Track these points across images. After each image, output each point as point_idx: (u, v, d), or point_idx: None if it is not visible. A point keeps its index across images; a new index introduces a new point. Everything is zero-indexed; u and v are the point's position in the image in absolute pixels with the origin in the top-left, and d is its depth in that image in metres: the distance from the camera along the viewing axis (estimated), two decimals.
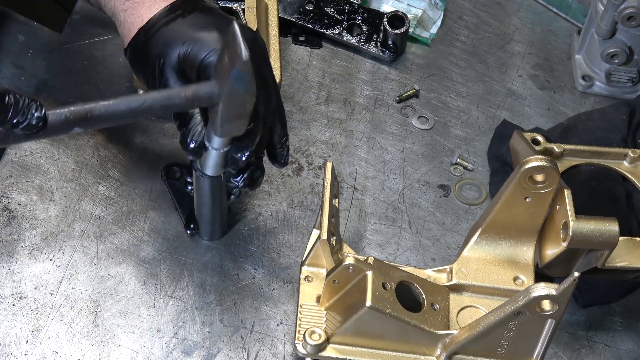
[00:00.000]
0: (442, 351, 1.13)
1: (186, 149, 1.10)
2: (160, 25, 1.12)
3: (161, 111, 1.02)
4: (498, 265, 1.19)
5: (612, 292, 1.27)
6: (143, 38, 1.13)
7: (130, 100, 1.00)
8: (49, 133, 0.96)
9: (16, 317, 1.17)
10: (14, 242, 1.23)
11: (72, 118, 0.96)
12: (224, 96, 1.01)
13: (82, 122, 0.97)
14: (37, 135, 0.96)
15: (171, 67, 1.11)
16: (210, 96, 1.02)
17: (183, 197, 1.28)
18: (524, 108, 1.48)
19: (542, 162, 1.11)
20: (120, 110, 0.99)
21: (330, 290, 1.15)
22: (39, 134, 0.96)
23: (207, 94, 1.02)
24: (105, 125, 1.01)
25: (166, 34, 1.12)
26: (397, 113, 1.45)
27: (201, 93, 1.02)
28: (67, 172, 1.31)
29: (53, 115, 0.96)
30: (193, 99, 1.02)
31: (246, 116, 1.04)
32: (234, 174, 1.12)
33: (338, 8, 1.52)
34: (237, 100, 1.02)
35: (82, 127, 0.98)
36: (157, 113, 1.02)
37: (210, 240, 1.27)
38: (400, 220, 1.32)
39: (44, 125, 0.95)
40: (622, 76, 1.49)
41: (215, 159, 1.11)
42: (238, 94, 1.01)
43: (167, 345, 1.17)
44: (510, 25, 1.59)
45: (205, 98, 1.02)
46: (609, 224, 1.12)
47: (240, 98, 1.01)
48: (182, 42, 1.10)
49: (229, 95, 1.01)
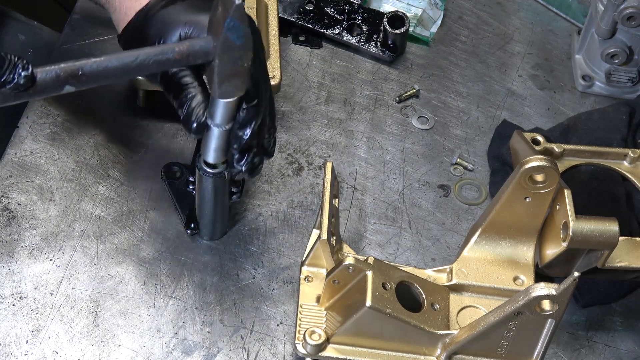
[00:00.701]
0: (442, 351, 1.13)
1: (189, 128, 1.08)
2: (160, 6, 1.11)
3: (154, 67, 0.99)
4: (498, 265, 1.19)
5: (612, 292, 1.27)
6: (142, 20, 1.12)
7: (123, 56, 0.97)
8: (40, 92, 0.94)
9: (16, 317, 1.17)
10: (14, 242, 1.23)
11: (62, 75, 0.94)
12: (218, 49, 0.98)
13: (73, 80, 0.95)
14: (27, 93, 0.94)
15: None
16: (205, 50, 0.99)
17: (183, 197, 1.28)
18: (524, 108, 1.48)
19: (542, 162, 1.11)
20: (113, 67, 0.97)
21: (330, 290, 1.15)
22: (28, 92, 0.93)
23: (202, 48, 0.99)
24: (98, 84, 0.98)
25: (167, 15, 1.10)
26: (397, 113, 1.45)
27: (196, 47, 0.99)
28: (67, 172, 1.31)
29: (42, 72, 0.94)
30: (188, 54, 0.99)
31: (244, 73, 1.01)
32: (237, 157, 1.11)
33: (338, 8, 1.52)
34: (233, 54, 0.99)
35: (73, 85, 0.95)
36: (150, 69, 0.99)
37: (210, 240, 1.27)
38: (400, 220, 1.32)
39: (32, 83, 0.93)
40: (622, 76, 1.49)
41: (218, 140, 1.09)
42: (233, 46, 0.98)
43: (167, 345, 1.17)
44: (510, 25, 1.59)
45: (200, 52, 0.99)
46: (609, 224, 1.12)
47: (236, 51, 0.99)
48: (184, 22, 1.09)
49: (224, 48, 0.98)
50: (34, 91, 0.94)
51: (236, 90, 1.03)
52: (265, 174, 1.34)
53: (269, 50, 1.37)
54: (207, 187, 1.17)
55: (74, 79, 0.95)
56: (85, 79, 0.96)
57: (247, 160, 1.11)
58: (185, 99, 1.09)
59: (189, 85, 1.09)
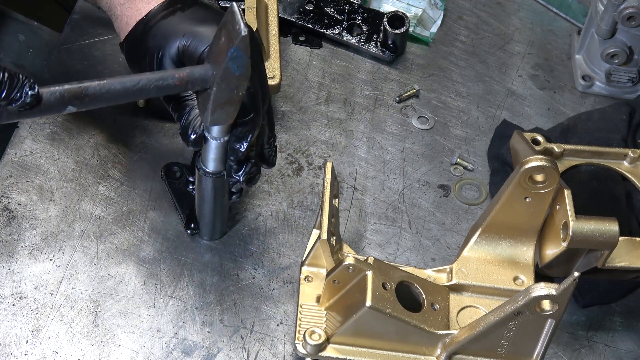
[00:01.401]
0: (442, 351, 1.13)
1: (187, 141, 1.10)
2: (159, 17, 1.12)
3: (155, 92, 1.01)
4: (498, 265, 1.19)
5: (612, 292, 1.27)
6: (142, 30, 1.13)
7: (125, 80, 0.99)
8: (43, 111, 0.96)
9: (16, 317, 1.17)
10: (14, 242, 1.23)
11: (66, 96, 0.96)
12: (218, 77, 1.00)
13: (76, 101, 0.97)
14: (31, 112, 0.95)
15: (170, 59, 1.11)
16: (204, 78, 1.02)
17: (183, 197, 1.28)
18: (524, 108, 1.48)
19: (542, 162, 1.11)
20: (115, 90, 0.99)
21: (330, 290, 1.15)
22: (32, 111, 0.95)
23: (201, 76, 1.02)
24: (100, 105, 0.99)
25: (165, 26, 1.12)
26: (397, 113, 1.45)
27: (195, 75, 1.01)
28: (67, 172, 1.31)
29: (47, 93, 0.95)
30: (187, 81, 1.01)
31: (237, 102, 1.03)
32: (235, 168, 1.12)
33: (338, 8, 1.52)
34: (231, 83, 1.01)
35: (76, 106, 0.97)
36: (150, 94, 1.01)
37: (210, 240, 1.27)
38: (400, 220, 1.32)
39: (38, 102, 0.94)
40: (622, 76, 1.49)
41: (216, 151, 1.10)
42: (232, 76, 1.00)
43: (167, 345, 1.17)
44: (510, 25, 1.59)
45: (199, 80, 1.02)
46: (609, 224, 1.12)
47: (234, 80, 1.01)
48: (182, 34, 1.10)
49: (224, 77, 1.00)
50: (38, 110, 0.96)
51: (227, 118, 1.06)
52: (265, 174, 1.34)
53: (269, 50, 1.37)
54: (207, 187, 1.17)
55: (77, 100, 0.97)
56: (88, 100, 0.98)
57: (244, 171, 1.12)
58: (184, 111, 1.10)
59: (187, 98, 1.11)
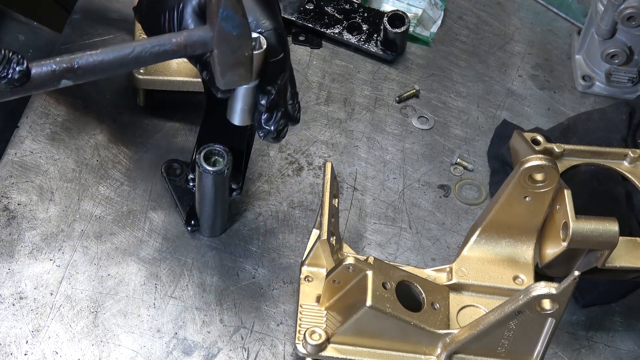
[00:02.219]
0: (443, 350, 1.13)
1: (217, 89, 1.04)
2: None
3: (152, 59, 0.97)
4: (498, 264, 1.19)
5: (612, 292, 1.27)
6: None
7: (119, 48, 0.96)
8: (36, 87, 0.93)
9: (16, 317, 1.17)
10: (14, 242, 1.23)
11: (58, 69, 0.93)
12: (216, 40, 0.96)
13: (70, 74, 0.94)
14: (23, 89, 0.93)
15: (192, 9, 1.05)
16: (204, 41, 0.97)
17: (183, 194, 1.28)
18: (524, 108, 1.48)
19: (541, 161, 1.11)
20: (109, 60, 0.95)
21: (330, 290, 1.15)
22: (24, 87, 0.93)
23: (200, 38, 0.97)
24: (95, 77, 0.96)
25: None
26: (397, 113, 1.45)
27: (194, 38, 0.97)
28: (67, 172, 1.31)
29: (38, 67, 0.93)
30: (185, 45, 0.97)
31: (246, 62, 0.98)
32: (265, 117, 1.06)
33: (338, 7, 1.52)
34: (231, 44, 0.96)
35: (70, 79, 0.94)
36: (147, 62, 0.97)
37: (210, 237, 1.27)
38: (400, 220, 1.32)
39: (27, 78, 0.92)
40: (622, 76, 1.49)
41: (244, 99, 1.05)
42: (230, 36, 0.96)
43: (167, 345, 1.17)
44: (510, 25, 1.59)
45: (198, 43, 0.97)
46: (609, 224, 1.12)
47: (233, 41, 0.96)
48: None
49: (221, 39, 0.96)
50: (30, 86, 0.93)
51: (240, 80, 1.01)
52: (265, 174, 1.34)
53: None
54: (207, 184, 1.17)
55: (70, 73, 0.94)
56: (81, 72, 0.95)
57: (275, 120, 1.07)
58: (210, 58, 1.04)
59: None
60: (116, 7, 1.48)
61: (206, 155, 1.16)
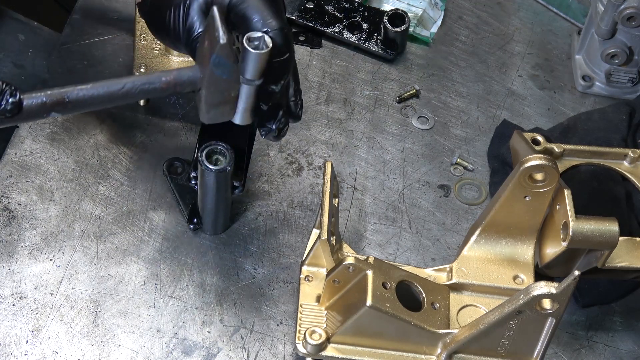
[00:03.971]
0: (443, 350, 1.13)
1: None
2: None
3: (141, 96, 0.99)
4: (498, 264, 1.19)
5: (612, 292, 1.27)
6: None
7: (109, 84, 0.97)
8: (25, 118, 0.94)
9: (16, 317, 1.17)
10: (14, 242, 1.23)
11: (49, 103, 0.94)
12: (205, 82, 0.98)
13: (59, 107, 0.95)
14: (13, 119, 0.94)
15: (198, 6, 1.05)
16: (192, 80, 1.00)
17: (185, 193, 1.28)
18: (524, 108, 1.48)
19: (541, 160, 1.11)
20: (99, 95, 0.97)
21: (330, 290, 1.15)
22: (14, 118, 0.93)
23: (189, 78, 0.99)
24: (85, 110, 0.98)
25: None
26: (397, 113, 1.45)
27: (183, 77, 0.99)
28: (67, 172, 1.31)
29: (29, 99, 0.94)
30: (175, 83, 0.99)
31: (231, 101, 1.01)
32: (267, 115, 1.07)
33: (338, 6, 1.52)
34: (220, 87, 0.99)
35: (59, 112, 0.96)
36: (136, 98, 0.99)
37: (213, 235, 1.27)
38: (400, 220, 1.32)
39: (19, 110, 0.93)
40: (622, 76, 1.49)
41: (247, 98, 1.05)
42: (220, 80, 0.98)
43: (167, 345, 1.17)
44: (510, 25, 1.59)
45: (188, 82, 1.00)
46: (609, 224, 1.12)
47: (222, 84, 0.99)
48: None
49: (211, 82, 0.98)
50: (20, 117, 0.94)
51: (224, 116, 1.04)
52: (265, 174, 1.34)
53: None
54: (210, 182, 1.17)
55: (60, 106, 0.95)
56: (71, 106, 0.96)
57: (278, 119, 1.08)
58: None
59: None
60: (116, 7, 1.48)
61: (208, 154, 1.16)
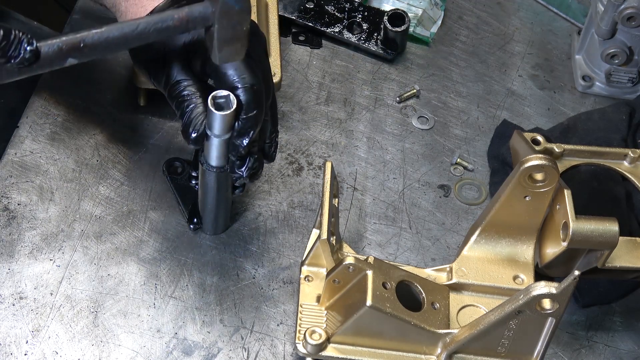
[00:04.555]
0: (443, 350, 1.13)
1: (188, 139, 1.09)
2: None
3: (155, 35, 0.99)
4: (498, 264, 1.19)
5: (612, 292, 1.27)
6: None
7: (123, 26, 0.98)
8: (43, 66, 0.94)
9: (16, 317, 1.17)
10: (14, 242, 1.23)
11: (65, 48, 0.94)
12: (217, 13, 0.99)
13: (76, 52, 0.95)
14: (31, 69, 0.94)
15: (176, 55, 1.10)
16: (204, 16, 1.00)
17: (185, 192, 1.28)
18: (524, 108, 1.48)
19: (541, 160, 1.11)
20: (114, 37, 0.97)
21: (330, 290, 1.15)
22: (32, 67, 0.94)
23: (200, 14, 1.00)
24: (100, 55, 0.98)
25: None
26: (397, 113, 1.45)
27: (195, 13, 1.00)
28: (67, 172, 1.31)
29: (45, 46, 0.94)
30: (187, 20, 1.00)
31: (243, 37, 1.02)
32: (237, 164, 1.12)
33: (338, 6, 1.52)
34: (232, 18, 1.00)
35: (76, 58, 0.96)
36: (151, 38, 1.00)
37: (213, 235, 1.27)
38: (400, 220, 1.32)
39: (37, 58, 0.93)
40: (622, 76, 1.49)
41: (218, 147, 1.10)
42: (232, 10, 0.99)
43: (167, 345, 1.17)
44: (510, 25, 1.59)
45: (199, 18, 1.00)
46: (609, 224, 1.12)
47: (234, 15, 0.99)
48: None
49: (223, 13, 0.99)
50: (38, 66, 0.94)
51: (235, 55, 1.04)
52: (265, 174, 1.34)
53: (269, 48, 1.37)
54: (210, 181, 1.17)
55: (76, 51, 0.95)
56: (87, 50, 0.96)
57: (247, 167, 1.12)
58: (187, 109, 1.10)
59: (191, 96, 1.10)
60: None
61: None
